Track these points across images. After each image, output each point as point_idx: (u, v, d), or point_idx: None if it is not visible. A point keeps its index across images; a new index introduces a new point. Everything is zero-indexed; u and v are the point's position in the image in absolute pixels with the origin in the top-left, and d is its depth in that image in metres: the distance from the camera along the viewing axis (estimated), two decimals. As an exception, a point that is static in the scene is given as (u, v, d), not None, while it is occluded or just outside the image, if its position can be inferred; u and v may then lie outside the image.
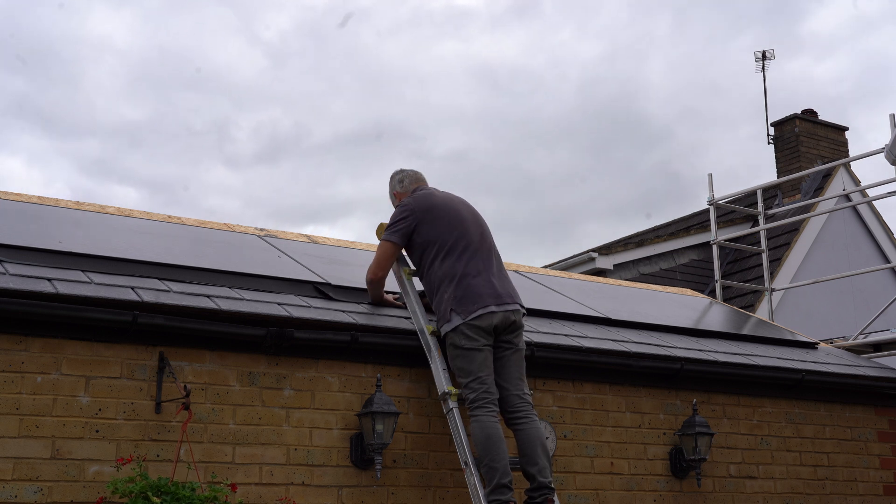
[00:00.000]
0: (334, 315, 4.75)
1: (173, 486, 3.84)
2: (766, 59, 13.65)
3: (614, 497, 5.33)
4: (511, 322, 4.78)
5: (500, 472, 4.45)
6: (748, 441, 5.99)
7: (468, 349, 4.67)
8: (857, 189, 11.50)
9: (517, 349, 4.83)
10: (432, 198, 5.07)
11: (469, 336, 4.67)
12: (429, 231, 4.93)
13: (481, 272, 4.83)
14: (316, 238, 6.60)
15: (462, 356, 4.68)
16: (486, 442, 4.51)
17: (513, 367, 4.79)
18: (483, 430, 4.54)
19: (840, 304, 11.77)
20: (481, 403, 4.60)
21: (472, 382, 4.65)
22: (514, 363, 4.80)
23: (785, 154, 13.22)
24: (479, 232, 5.00)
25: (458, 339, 4.69)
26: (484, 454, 4.50)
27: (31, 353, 4.05)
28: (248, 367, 4.49)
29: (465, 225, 4.97)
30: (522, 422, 4.71)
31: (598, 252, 11.67)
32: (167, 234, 5.63)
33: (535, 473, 4.59)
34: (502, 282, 4.89)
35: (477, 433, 4.56)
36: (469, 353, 4.67)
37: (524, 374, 4.84)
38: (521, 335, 4.87)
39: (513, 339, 4.82)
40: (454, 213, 5.01)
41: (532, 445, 4.65)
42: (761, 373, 6.01)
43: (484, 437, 4.53)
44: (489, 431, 4.53)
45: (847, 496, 6.29)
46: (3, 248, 4.46)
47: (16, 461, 3.91)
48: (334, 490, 4.55)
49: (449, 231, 4.91)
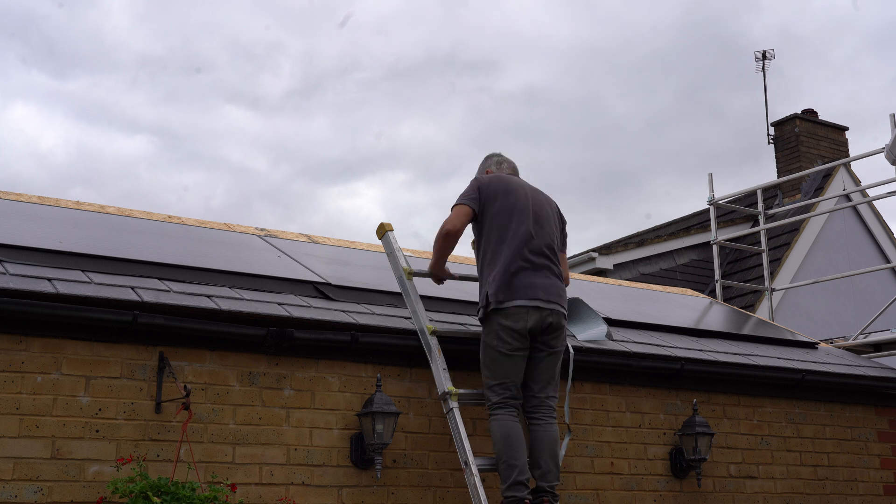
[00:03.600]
0: (334, 315, 4.75)
1: (173, 486, 3.84)
2: (766, 59, 13.65)
3: (614, 497, 5.33)
4: (548, 324, 4.69)
5: (517, 470, 4.49)
6: (748, 441, 5.99)
7: (501, 353, 4.64)
8: (858, 189, 11.49)
9: (552, 351, 4.76)
10: (506, 182, 4.95)
11: (504, 340, 4.63)
12: (492, 212, 4.84)
13: (530, 267, 4.72)
14: (316, 238, 6.60)
15: (494, 358, 4.66)
16: (504, 440, 4.54)
17: (543, 370, 4.75)
18: (502, 428, 4.56)
19: (840, 304, 11.77)
20: (502, 406, 4.63)
21: (498, 387, 4.66)
22: (547, 366, 4.76)
23: (785, 154, 13.22)
24: (542, 225, 4.87)
25: (493, 340, 4.66)
26: (502, 452, 4.53)
27: (31, 353, 4.05)
28: (248, 367, 4.49)
29: (527, 215, 4.84)
30: (537, 423, 4.71)
31: (598, 252, 11.67)
32: (167, 234, 5.63)
33: (537, 477, 4.62)
34: (549, 280, 4.75)
35: (496, 431, 4.58)
36: (500, 357, 4.65)
37: (556, 376, 4.80)
38: (559, 337, 4.78)
39: (549, 340, 4.73)
40: (522, 201, 4.88)
41: (539, 448, 4.65)
42: (761, 373, 6.01)
43: (502, 435, 4.55)
44: (508, 430, 4.55)
45: (847, 496, 6.28)
46: (3, 248, 4.46)
47: (16, 461, 3.91)
48: (334, 490, 4.55)
49: (509, 218, 4.80)
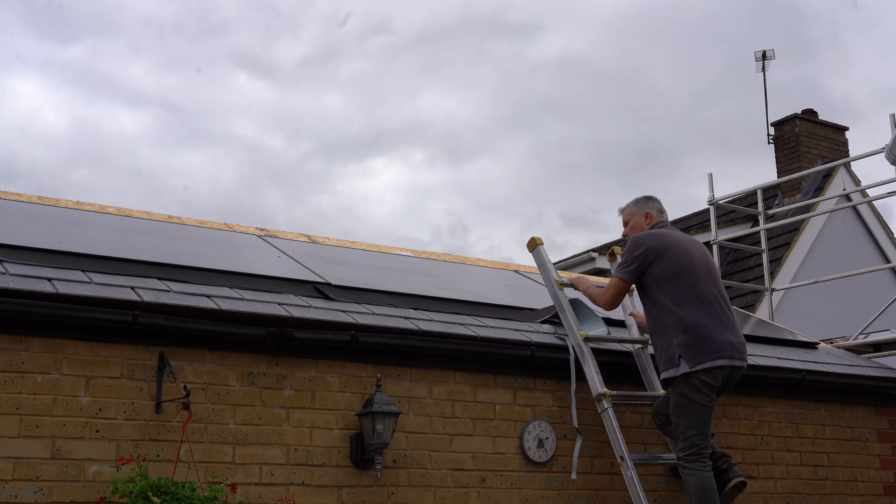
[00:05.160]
0: (334, 315, 4.75)
1: (173, 486, 3.84)
2: (766, 59, 13.65)
3: (614, 497, 5.32)
4: (736, 379, 4.97)
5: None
6: (748, 441, 5.99)
7: (698, 403, 4.83)
8: (858, 189, 11.50)
9: None
10: (666, 237, 5.12)
11: (702, 392, 4.82)
12: (661, 272, 4.98)
13: (716, 323, 4.90)
14: (316, 238, 6.61)
15: (691, 409, 4.83)
16: (701, 495, 4.74)
17: None
18: (700, 483, 4.75)
19: (840, 304, 11.76)
20: (698, 458, 4.79)
21: (695, 437, 4.82)
22: None
23: (785, 154, 13.22)
24: (710, 276, 5.04)
25: (690, 392, 4.83)
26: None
27: (31, 353, 4.05)
28: (248, 367, 4.49)
29: (697, 269, 5.01)
30: (727, 472, 5.01)
31: (597, 252, 11.67)
32: (167, 234, 5.63)
33: None
34: (736, 335, 4.97)
35: (693, 486, 4.76)
36: (697, 408, 4.83)
37: None
38: None
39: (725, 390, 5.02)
40: (688, 257, 5.03)
41: (731, 497, 5.01)
42: (761, 373, 6.00)
43: (699, 490, 4.74)
44: (706, 485, 4.76)
45: (847, 496, 6.28)
46: (3, 248, 4.46)
47: (16, 461, 3.91)
48: (334, 490, 4.55)
49: (682, 275, 4.96)
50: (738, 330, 5.02)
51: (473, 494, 4.91)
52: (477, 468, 4.96)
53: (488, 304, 5.66)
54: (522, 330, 5.38)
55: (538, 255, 5.60)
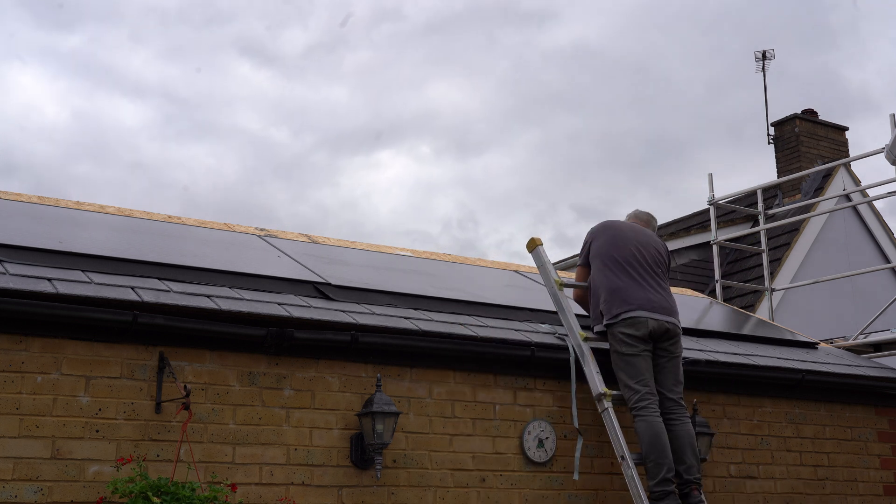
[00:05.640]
0: (334, 315, 4.75)
1: (173, 486, 3.84)
2: (766, 59, 13.64)
3: (615, 497, 5.33)
4: (665, 330, 5.29)
5: (665, 468, 5.00)
6: (748, 441, 5.99)
7: (627, 355, 5.20)
8: (858, 189, 11.49)
9: (673, 356, 5.34)
10: (611, 224, 5.66)
11: (626, 343, 5.20)
12: (598, 247, 5.52)
13: (636, 285, 5.33)
14: (316, 238, 6.61)
15: (623, 360, 5.21)
16: (653, 440, 5.03)
17: (669, 373, 5.31)
18: (650, 428, 5.05)
19: (840, 304, 11.75)
20: (646, 403, 5.12)
21: (636, 384, 5.15)
22: (671, 369, 5.32)
23: (785, 154, 13.21)
24: (642, 253, 5.47)
25: (618, 345, 5.23)
26: (650, 451, 5.02)
27: (31, 353, 4.05)
28: (248, 367, 4.49)
29: (629, 245, 5.47)
30: (676, 423, 5.19)
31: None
32: (167, 234, 5.63)
33: (682, 471, 5.10)
34: (660, 296, 5.38)
35: (644, 431, 5.05)
36: (629, 359, 5.20)
37: (680, 378, 5.35)
38: (677, 343, 5.37)
39: (668, 346, 5.33)
40: (624, 236, 5.53)
41: (682, 445, 5.14)
42: (761, 373, 6.01)
43: (651, 435, 5.03)
44: (656, 430, 5.05)
45: (847, 496, 6.28)
46: (3, 248, 4.46)
47: (16, 461, 3.91)
48: (334, 490, 4.55)
49: (614, 249, 5.44)
50: (664, 295, 5.41)
51: (473, 494, 4.91)
52: (477, 468, 4.97)
53: (488, 304, 5.66)
54: (522, 330, 5.39)
55: (538, 255, 5.69)
